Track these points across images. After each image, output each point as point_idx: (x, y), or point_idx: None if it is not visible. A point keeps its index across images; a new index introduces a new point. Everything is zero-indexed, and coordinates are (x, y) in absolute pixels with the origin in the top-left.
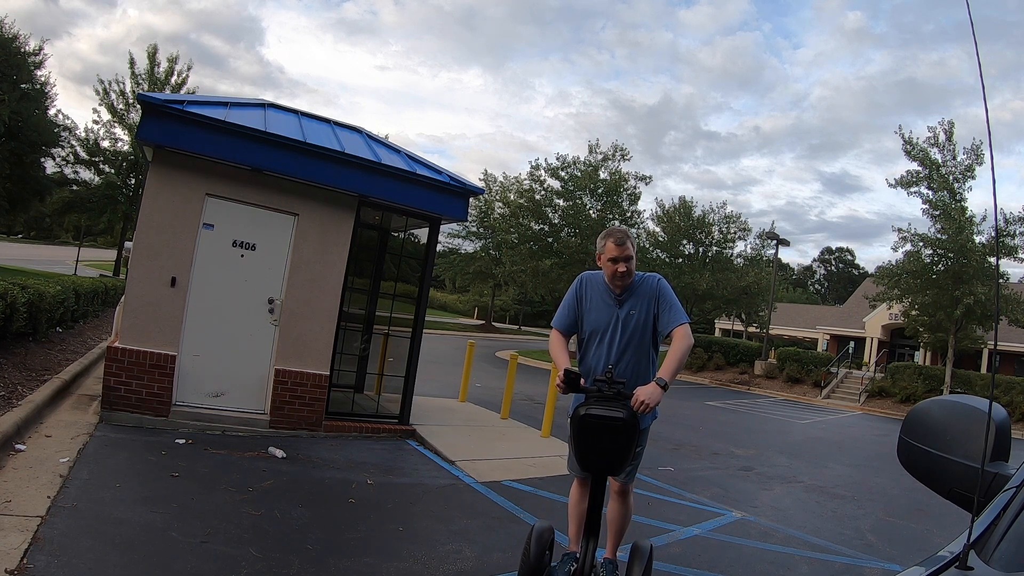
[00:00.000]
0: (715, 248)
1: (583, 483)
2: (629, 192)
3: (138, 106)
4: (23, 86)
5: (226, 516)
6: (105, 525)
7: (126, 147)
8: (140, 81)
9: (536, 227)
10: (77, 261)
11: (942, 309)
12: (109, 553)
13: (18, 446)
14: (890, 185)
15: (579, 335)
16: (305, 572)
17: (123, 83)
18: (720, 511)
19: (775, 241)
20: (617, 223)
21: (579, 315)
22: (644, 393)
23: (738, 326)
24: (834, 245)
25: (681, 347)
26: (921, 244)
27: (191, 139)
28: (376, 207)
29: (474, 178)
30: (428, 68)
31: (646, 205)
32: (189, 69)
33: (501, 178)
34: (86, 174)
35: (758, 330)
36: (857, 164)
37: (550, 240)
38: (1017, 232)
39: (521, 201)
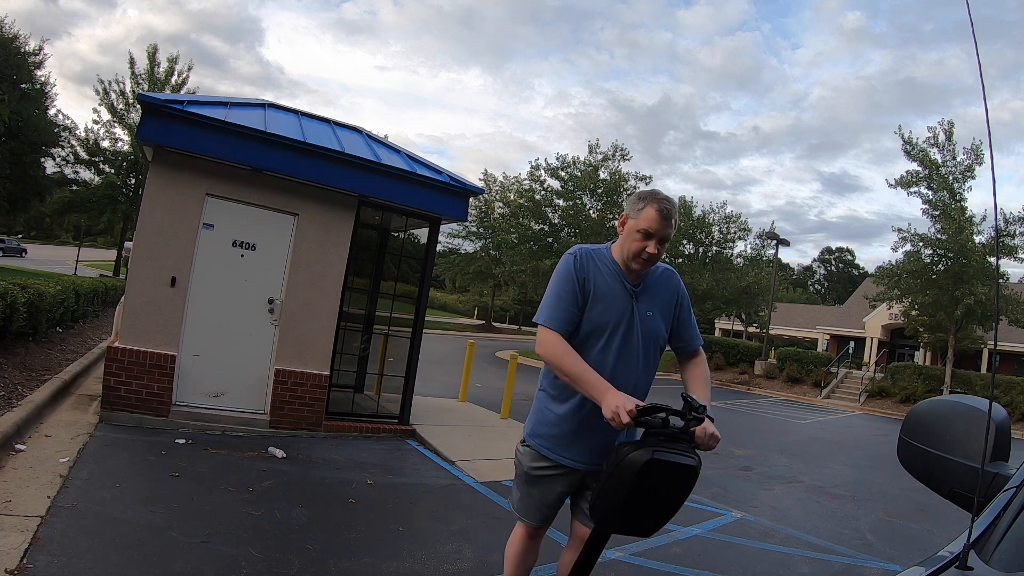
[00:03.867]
0: (715, 248)
1: (535, 533)
2: (629, 192)
3: (138, 106)
4: (23, 86)
5: (226, 516)
6: (105, 525)
7: (126, 147)
8: (140, 81)
9: (536, 227)
10: (77, 261)
11: (942, 309)
12: (109, 553)
13: (18, 446)
14: (890, 185)
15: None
16: (305, 572)
17: (123, 83)
18: (720, 511)
19: (775, 241)
20: (617, 223)
21: (581, 306)
22: (712, 428)
23: (738, 326)
24: (834, 245)
25: (708, 373)
26: (921, 244)
27: (191, 139)
28: (376, 207)
29: (474, 178)
30: (428, 68)
31: None
32: (189, 69)
33: (501, 178)
34: (86, 174)
35: (758, 330)
36: (857, 164)
37: (550, 240)
38: (1017, 232)
39: (521, 201)
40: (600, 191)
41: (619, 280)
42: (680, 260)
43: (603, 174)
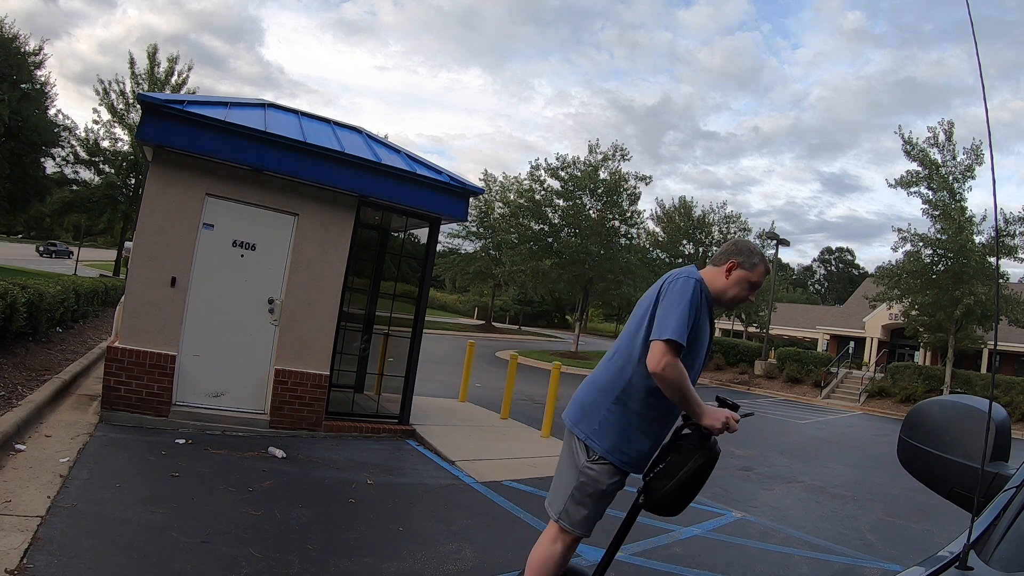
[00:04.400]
0: (715, 248)
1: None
2: (629, 192)
3: (138, 106)
4: (23, 86)
5: (226, 516)
6: (105, 525)
7: (126, 147)
8: (140, 81)
9: (536, 227)
10: (77, 261)
11: (942, 309)
12: (109, 553)
13: (18, 446)
14: (890, 185)
15: None
16: (305, 572)
17: (123, 83)
18: (720, 511)
19: (775, 241)
20: (617, 223)
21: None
22: None
23: (738, 326)
24: (834, 245)
25: None
26: (921, 244)
27: (191, 139)
28: (376, 207)
29: (474, 178)
30: (428, 68)
31: (646, 205)
32: (189, 69)
33: (501, 178)
34: (86, 174)
35: (758, 330)
36: (856, 164)
37: (550, 240)
38: (1017, 232)
39: (521, 201)
40: (600, 191)
41: (710, 310)
42: (680, 260)
43: (603, 174)
